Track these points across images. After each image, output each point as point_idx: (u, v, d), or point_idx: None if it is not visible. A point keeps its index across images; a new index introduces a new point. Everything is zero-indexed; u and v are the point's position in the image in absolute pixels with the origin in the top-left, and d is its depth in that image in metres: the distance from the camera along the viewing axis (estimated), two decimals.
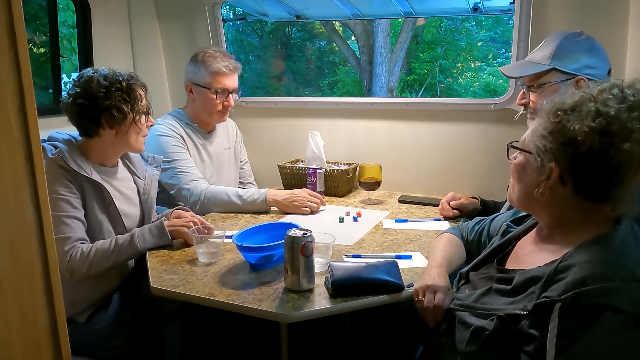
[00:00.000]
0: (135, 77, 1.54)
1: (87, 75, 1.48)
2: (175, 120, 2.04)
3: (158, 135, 1.95)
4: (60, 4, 2.52)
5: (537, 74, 1.38)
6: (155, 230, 1.49)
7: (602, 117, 0.84)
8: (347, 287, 1.15)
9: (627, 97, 0.85)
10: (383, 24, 9.47)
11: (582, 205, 0.91)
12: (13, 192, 0.67)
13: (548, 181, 0.92)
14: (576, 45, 1.37)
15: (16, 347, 0.69)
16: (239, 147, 2.31)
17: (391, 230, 1.68)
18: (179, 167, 1.92)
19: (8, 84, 0.65)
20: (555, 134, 0.90)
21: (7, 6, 0.63)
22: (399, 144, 2.28)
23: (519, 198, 1.02)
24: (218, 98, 2.00)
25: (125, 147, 1.57)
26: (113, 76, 1.49)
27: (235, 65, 2.04)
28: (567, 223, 0.95)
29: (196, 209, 1.86)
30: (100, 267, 1.42)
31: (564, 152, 0.88)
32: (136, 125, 1.52)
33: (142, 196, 1.67)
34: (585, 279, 0.81)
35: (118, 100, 1.46)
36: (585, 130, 0.85)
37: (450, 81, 11.33)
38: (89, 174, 1.46)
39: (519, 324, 0.87)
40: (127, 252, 1.45)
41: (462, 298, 1.04)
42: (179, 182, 1.90)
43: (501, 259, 1.09)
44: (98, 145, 1.52)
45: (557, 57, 1.36)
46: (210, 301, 1.17)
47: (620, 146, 0.83)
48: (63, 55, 2.92)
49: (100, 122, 1.47)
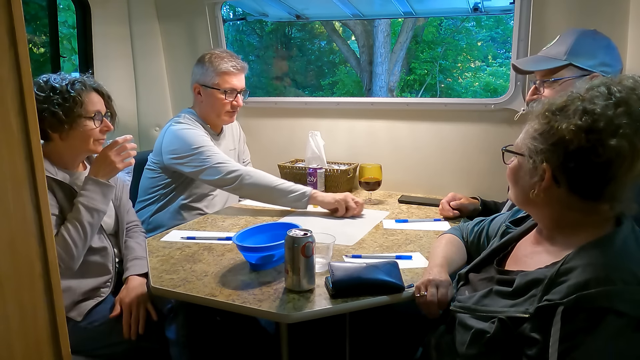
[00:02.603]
0: (86, 82, 1.53)
1: (36, 80, 1.49)
2: (193, 119, 2.04)
3: (181, 129, 1.93)
4: (60, 4, 2.52)
5: (553, 69, 1.37)
6: (92, 185, 1.48)
7: (589, 115, 0.85)
8: (348, 287, 1.15)
9: (614, 94, 0.86)
10: (383, 24, 9.47)
11: (579, 205, 0.91)
12: (13, 192, 0.67)
13: (542, 182, 0.92)
14: (593, 42, 1.36)
15: (16, 347, 0.69)
16: (242, 148, 2.32)
17: (391, 230, 1.68)
18: (208, 151, 1.89)
19: (8, 84, 0.65)
20: (544, 135, 0.91)
21: (7, 6, 0.63)
22: (399, 144, 2.28)
23: (517, 201, 1.03)
24: (227, 98, 2.00)
25: (80, 151, 1.56)
26: (55, 81, 1.49)
27: (242, 65, 2.04)
28: (566, 224, 0.95)
29: (228, 186, 1.87)
30: (80, 246, 1.44)
31: (555, 152, 0.89)
32: (80, 129, 1.50)
33: (115, 202, 1.66)
34: (588, 281, 0.80)
35: (53, 105, 1.45)
36: (572, 129, 0.86)
37: (450, 81, 11.33)
38: (54, 175, 1.47)
39: (520, 327, 0.86)
40: (92, 218, 1.46)
41: (462, 300, 1.04)
42: (210, 162, 1.87)
43: (500, 260, 1.09)
44: (54, 149, 1.52)
45: (574, 53, 1.34)
46: (211, 301, 1.17)
47: (607, 142, 0.83)
48: (63, 55, 2.92)
49: (43, 126, 1.47)
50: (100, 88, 1.57)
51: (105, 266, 1.57)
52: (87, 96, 1.51)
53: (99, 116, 1.54)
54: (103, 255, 1.57)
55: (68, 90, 1.48)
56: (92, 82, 1.56)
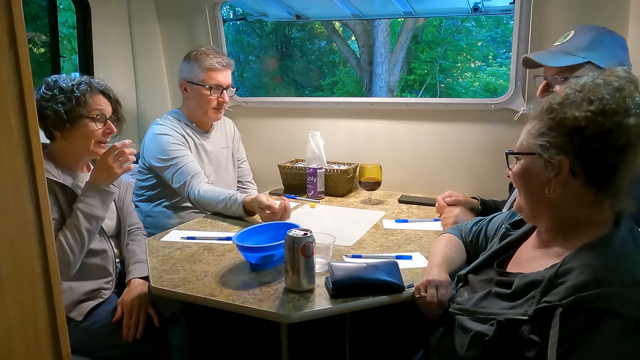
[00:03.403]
0: (92, 83, 1.53)
1: (45, 79, 1.51)
2: (175, 120, 2.04)
3: (158, 134, 1.96)
4: (60, 4, 2.52)
5: (572, 66, 1.34)
6: (91, 192, 1.48)
7: (598, 101, 0.86)
8: (348, 287, 1.15)
9: (612, 83, 0.87)
10: (383, 24, 9.47)
11: (590, 199, 0.90)
12: (13, 192, 0.67)
13: (559, 176, 0.90)
14: (612, 40, 1.35)
15: (16, 347, 0.69)
16: (236, 146, 2.31)
17: (391, 230, 1.68)
18: (179, 163, 1.92)
19: (8, 84, 0.65)
20: (556, 128, 0.89)
21: (7, 6, 0.63)
22: (399, 144, 2.28)
23: (528, 204, 0.99)
24: (212, 94, 2.01)
25: (82, 152, 1.56)
26: (64, 81, 1.50)
27: (227, 61, 2.05)
28: (570, 223, 0.94)
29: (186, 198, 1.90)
30: (77, 253, 1.44)
31: (571, 142, 0.88)
32: (81, 129, 1.50)
33: (118, 203, 1.67)
34: (586, 283, 0.80)
35: (57, 103, 1.46)
36: (588, 114, 0.85)
37: (450, 81, 11.33)
38: (57, 178, 1.47)
39: (519, 329, 0.86)
40: (90, 224, 1.46)
41: (461, 302, 1.04)
42: (179, 179, 1.90)
43: (501, 262, 1.08)
44: (58, 149, 1.53)
45: (594, 50, 1.32)
46: (211, 301, 1.17)
47: (625, 122, 0.83)
48: (63, 55, 2.92)
49: (47, 124, 1.48)
50: (107, 91, 1.58)
51: (105, 268, 1.57)
52: (92, 97, 1.52)
53: (103, 118, 1.54)
54: (103, 258, 1.57)
55: (73, 90, 1.49)
56: (100, 85, 1.57)
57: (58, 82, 1.50)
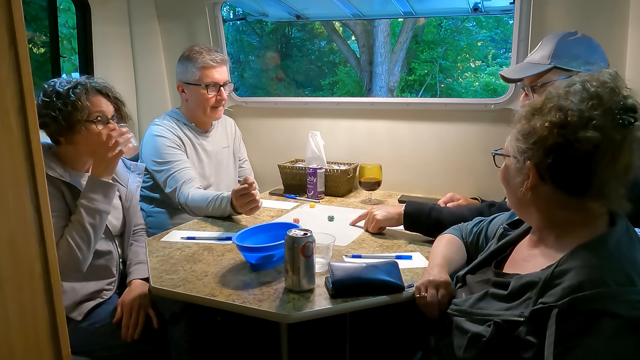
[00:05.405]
0: (88, 85, 1.50)
1: (43, 85, 1.49)
2: (173, 121, 2.04)
3: (155, 135, 1.96)
4: (60, 5, 2.52)
5: (538, 74, 1.40)
6: (94, 186, 1.46)
7: (562, 111, 0.87)
8: (348, 287, 1.15)
9: (588, 90, 0.87)
10: (383, 24, 9.47)
11: (567, 202, 0.91)
12: (13, 192, 0.67)
13: (528, 180, 0.93)
14: (574, 43, 1.40)
15: (16, 347, 0.69)
16: (237, 146, 2.31)
17: (391, 230, 1.68)
18: (172, 169, 1.91)
19: (8, 84, 0.65)
20: (525, 135, 0.93)
21: (7, 6, 0.63)
22: (399, 144, 2.28)
23: (510, 203, 1.04)
24: (210, 92, 2.00)
25: (88, 155, 1.54)
26: (61, 85, 1.48)
27: (222, 58, 2.04)
28: (556, 223, 0.95)
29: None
30: (84, 249, 1.43)
31: (536, 151, 0.90)
32: (83, 133, 1.47)
33: (125, 203, 1.66)
34: (582, 284, 0.80)
35: (54, 110, 1.44)
36: (546, 125, 0.88)
37: (450, 81, 11.33)
38: (64, 177, 1.47)
39: (516, 330, 0.86)
40: (93, 219, 1.45)
41: (458, 303, 1.04)
42: (172, 184, 1.90)
43: (499, 263, 1.08)
44: (65, 151, 1.52)
45: (557, 56, 1.38)
46: (211, 301, 1.17)
47: (580, 135, 0.84)
48: (63, 55, 2.93)
49: (49, 132, 1.47)
50: (106, 90, 1.54)
51: (109, 269, 1.57)
52: (89, 100, 1.48)
53: (104, 119, 1.51)
54: (107, 259, 1.56)
55: (69, 94, 1.46)
56: (97, 85, 1.53)
57: (55, 86, 1.47)
